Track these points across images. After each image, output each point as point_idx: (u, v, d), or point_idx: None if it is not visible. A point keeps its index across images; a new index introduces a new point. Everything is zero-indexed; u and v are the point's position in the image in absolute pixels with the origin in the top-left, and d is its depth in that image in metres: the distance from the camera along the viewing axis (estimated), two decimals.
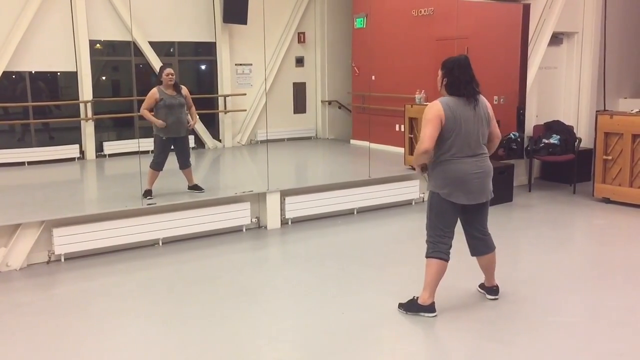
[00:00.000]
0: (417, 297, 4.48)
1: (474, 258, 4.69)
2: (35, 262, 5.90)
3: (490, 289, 4.76)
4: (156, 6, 11.38)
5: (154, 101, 7.08)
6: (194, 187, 7.40)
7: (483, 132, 4.36)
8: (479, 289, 4.84)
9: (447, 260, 4.40)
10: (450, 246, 4.42)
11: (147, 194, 7.07)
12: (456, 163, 4.26)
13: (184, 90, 7.33)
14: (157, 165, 7.20)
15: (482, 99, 4.40)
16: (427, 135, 4.19)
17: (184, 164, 7.40)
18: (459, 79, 4.27)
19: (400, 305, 4.56)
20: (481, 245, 4.60)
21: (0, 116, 10.74)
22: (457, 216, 4.44)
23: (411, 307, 4.49)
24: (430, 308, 4.43)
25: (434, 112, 4.23)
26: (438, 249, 4.38)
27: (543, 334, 4.13)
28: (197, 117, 7.64)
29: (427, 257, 4.44)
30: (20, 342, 4.23)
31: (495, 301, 4.69)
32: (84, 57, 10.76)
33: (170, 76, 7.11)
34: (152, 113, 7.12)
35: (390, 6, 11.49)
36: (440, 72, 4.39)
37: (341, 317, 4.49)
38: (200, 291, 5.14)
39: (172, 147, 7.28)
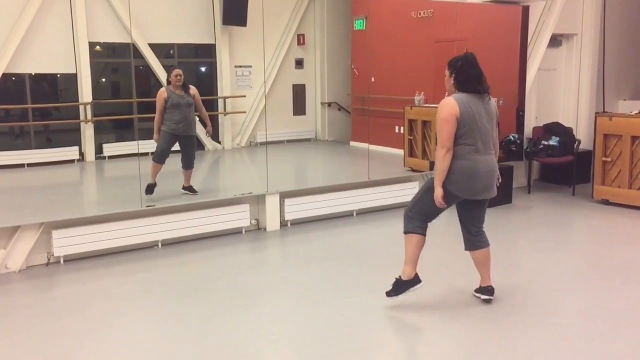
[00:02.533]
0: (400, 276, 4.54)
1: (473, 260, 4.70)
2: (34, 264, 5.89)
3: (485, 289, 4.70)
4: (156, 8, 11.39)
5: (163, 100, 7.19)
6: (188, 189, 7.43)
7: (493, 129, 4.40)
8: (474, 293, 4.77)
9: (424, 235, 4.50)
10: (427, 225, 4.53)
11: (150, 188, 7.14)
12: (469, 160, 4.27)
13: (193, 90, 7.44)
14: (159, 158, 7.27)
15: (492, 99, 4.44)
16: (446, 136, 4.20)
17: (188, 165, 7.47)
18: (470, 74, 4.28)
19: (388, 293, 4.59)
20: (476, 240, 4.63)
21: None
22: (446, 209, 4.47)
23: (399, 287, 4.54)
24: (416, 280, 4.51)
25: (448, 110, 4.20)
26: (417, 224, 4.49)
27: (542, 336, 4.13)
28: (209, 120, 7.78)
29: (406, 232, 4.53)
30: (18, 344, 4.22)
31: (495, 303, 4.68)
32: (84, 59, 10.77)
33: (178, 77, 7.25)
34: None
35: (390, 8, 11.50)
36: (447, 72, 4.38)
37: (340, 319, 4.49)
38: (199, 293, 5.14)
39: (178, 144, 7.37)
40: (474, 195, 4.38)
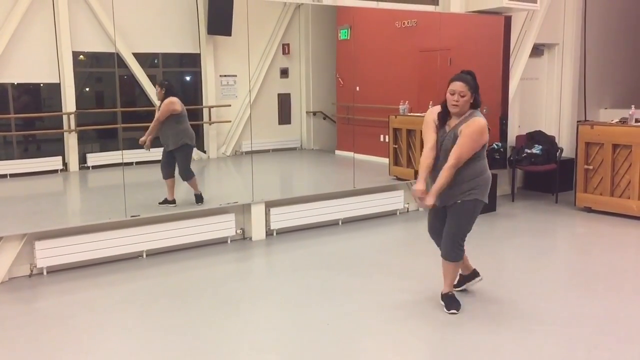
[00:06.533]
0: (449, 292, 4.79)
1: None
2: (16, 276, 5.82)
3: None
4: (140, 18, 11.35)
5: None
6: (165, 202, 7.32)
7: None
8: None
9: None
10: None
11: (171, 202, 7.28)
12: (489, 170, 4.67)
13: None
14: (162, 175, 7.44)
15: None
16: (469, 151, 4.40)
17: (167, 175, 7.48)
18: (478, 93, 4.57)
19: (451, 302, 4.77)
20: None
21: None
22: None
23: (450, 301, 4.77)
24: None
25: (484, 129, 4.44)
26: (462, 249, 4.71)
27: (525, 342, 4.16)
28: (150, 132, 7.60)
29: (453, 261, 4.68)
30: (0, 356, 4.17)
31: (480, 309, 4.72)
32: (67, 69, 10.68)
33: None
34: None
35: (374, 18, 11.56)
36: (467, 91, 4.42)
37: (326, 328, 4.49)
38: (184, 303, 5.11)
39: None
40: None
